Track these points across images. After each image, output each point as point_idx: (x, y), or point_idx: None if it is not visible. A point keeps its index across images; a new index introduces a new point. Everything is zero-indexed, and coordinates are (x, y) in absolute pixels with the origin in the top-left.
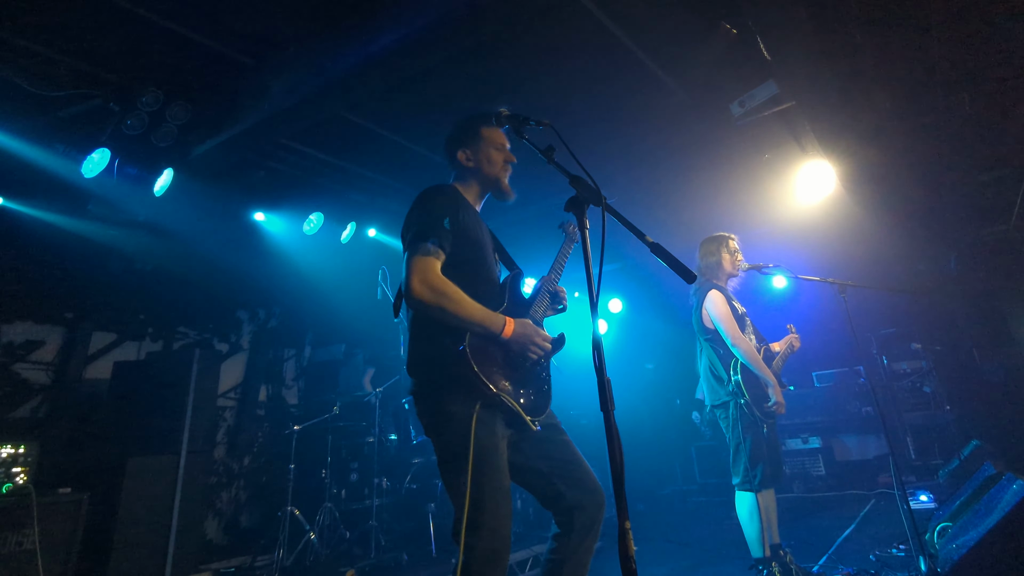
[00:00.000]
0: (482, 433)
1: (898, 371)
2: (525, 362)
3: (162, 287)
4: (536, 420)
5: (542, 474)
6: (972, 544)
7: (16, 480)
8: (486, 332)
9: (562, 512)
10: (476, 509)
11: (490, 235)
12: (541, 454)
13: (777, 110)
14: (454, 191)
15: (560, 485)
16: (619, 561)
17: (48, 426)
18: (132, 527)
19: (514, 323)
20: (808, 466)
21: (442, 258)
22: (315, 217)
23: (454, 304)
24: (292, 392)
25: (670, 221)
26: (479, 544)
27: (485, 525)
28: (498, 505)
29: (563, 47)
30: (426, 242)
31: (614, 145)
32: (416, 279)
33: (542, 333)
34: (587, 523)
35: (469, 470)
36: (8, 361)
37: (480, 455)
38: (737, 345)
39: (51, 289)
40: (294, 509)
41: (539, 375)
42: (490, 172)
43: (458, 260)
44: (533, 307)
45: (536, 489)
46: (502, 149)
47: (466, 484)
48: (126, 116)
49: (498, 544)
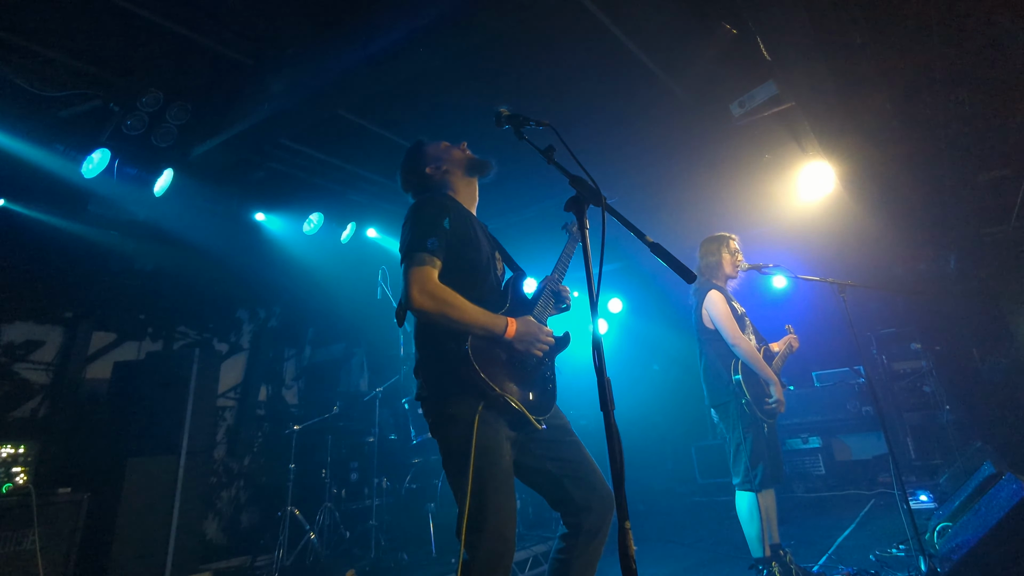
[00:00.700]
0: (485, 434)
1: (898, 371)
2: (529, 361)
3: (162, 287)
4: (541, 419)
5: (551, 475)
6: (972, 544)
7: (16, 480)
8: (489, 334)
9: (571, 514)
10: (479, 509)
11: (489, 237)
12: (550, 455)
13: (777, 110)
14: (445, 198)
15: (569, 487)
16: (619, 561)
17: (48, 426)
18: (132, 527)
19: (516, 323)
20: (808, 466)
21: (439, 266)
22: (315, 217)
23: (455, 310)
24: (292, 392)
25: (670, 221)
26: (482, 544)
27: (488, 526)
28: (500, 506)
29: (563, 47)
30: (422, 252)
31: (614, 145)
32: (415, 290)
33: (545, 330)
34: (596, 525)
35: (471, 470)
36: (8, 361)
37: (483, 456)
38: (737, 345)
39: (51, 289)
40: (294, 509)
41: (543, 374)
42: (458, 161)
43: (457, 265)
44: (536, 307)
45: (545, 490)
46: (450, 146)
47: (468, 484)
48: (126, 116)
49: (500, 545)
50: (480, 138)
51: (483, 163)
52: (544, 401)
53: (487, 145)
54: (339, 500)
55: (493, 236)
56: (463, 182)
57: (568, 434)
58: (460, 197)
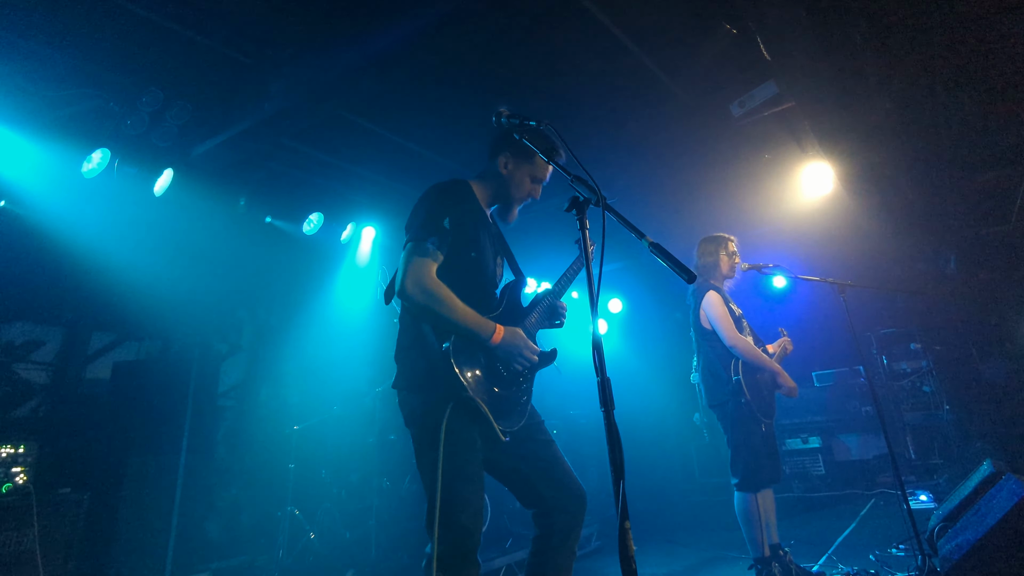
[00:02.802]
0: (455, 431)
1: (898, 371)
2: (509, 371)
3: (162, 287)
4: (506, 432)
5: (522, 473)
6: (972, 544)
7: (16, 480)
8: (474, 336)
9: (542, 513)
10: (447, 504)
11: (496, 238)
12: (521, 453)
13: (777, 110)
14: (465, 189)
15: (540, 486)
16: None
17: (48, 426)
18: (132, 527)
19: (504, 331)
20: (808, 466)
21: (439, 259)
22: (315, 217)
23: (444, 307)
24: (292, 392)
25: (670, 221)
26: (450, 538)
27: (455, 521)
28: (468, 502)
29: (563, 48)
30: (425, 242)
31: (614, 145)
32: (409, 279)
33: (531, 345)
34: (568, 524)
35: (440, 466)
36: (8, 361)
37: (451, 451)
38: (735, 345)
39: (51, 289)
40: (294, 509)
41: (520, 386)
42: (513, 193)
43: (456, 261)
44: (528, 318)
45: (516, 488)
46: (537, 184)
47: (438, 479)
48: (126, 116)
49: (468, 541)
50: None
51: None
52: (514, 414)
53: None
54: (339, 500)
55: (502, 237)
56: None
57: (541, 433)
58: (482, 195)
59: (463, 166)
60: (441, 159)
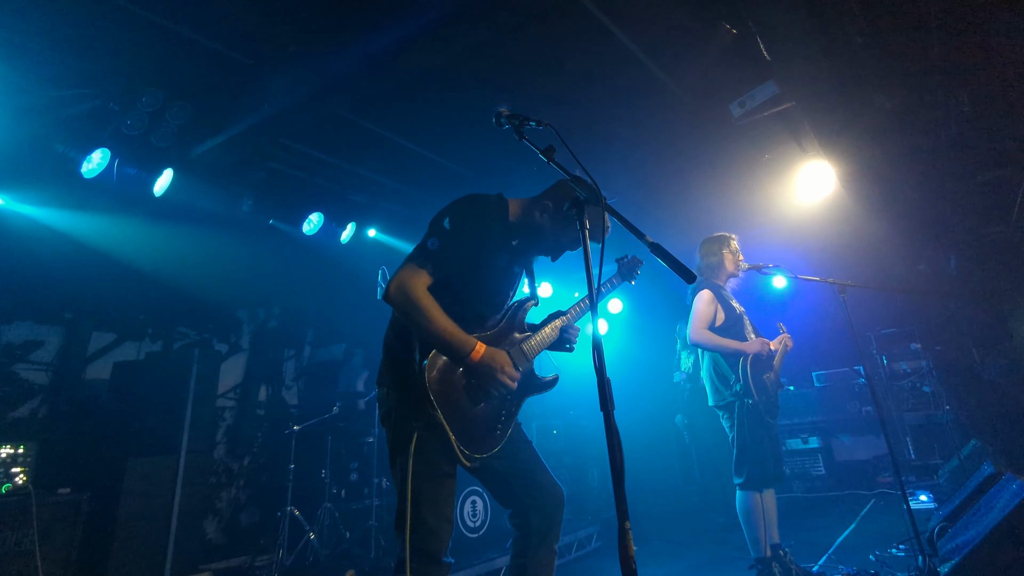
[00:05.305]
0: (426, 437)
1: (898, 371)
2: (487, 392)
3: (162, 287)
4: (472, 457)
5: (497, 473)
6: (972, 544)
7: (16, 480)
8: (452, 352)
9: (519, 513)
10: (416, 508)
11: (513, 252)
12: (499, 454)
13: (777, 110)
14: (497, 206)
15: (516, 485)
16: (619, 561)
17: (48, 426)
18: (132, 527)
19: (485, 350)
20: (808, 466)
21: (436, 271)
22: (315, 217)
23: (423, 317)
24: (292, 392)
25: (670, 221)
26: (418, 544)
27: (424, 525)
28: (438, 506)
29: (563, 48)
30: (426, 251)
31: (614, 145)
32: (394, 283)
33: (509, 370)
34: (546, 524)
35: (410, 470)
36: (8, 361)
37: (422, 458)
38: (697, 340)
39: (51, 289)
40: (294, 509)
41: (498, 411)
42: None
43: (457, 277)
44: (531, 339)
45: (493, 487)
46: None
47: (408, 484)
48: (126, 116)
49: (436, 545)
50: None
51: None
52: (485, 441)
53: (487, 145)
54: (339, 500)
55: (524, 252)
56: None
57: (518, 433)
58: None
59: (463, 166)
60: (441, 159)
